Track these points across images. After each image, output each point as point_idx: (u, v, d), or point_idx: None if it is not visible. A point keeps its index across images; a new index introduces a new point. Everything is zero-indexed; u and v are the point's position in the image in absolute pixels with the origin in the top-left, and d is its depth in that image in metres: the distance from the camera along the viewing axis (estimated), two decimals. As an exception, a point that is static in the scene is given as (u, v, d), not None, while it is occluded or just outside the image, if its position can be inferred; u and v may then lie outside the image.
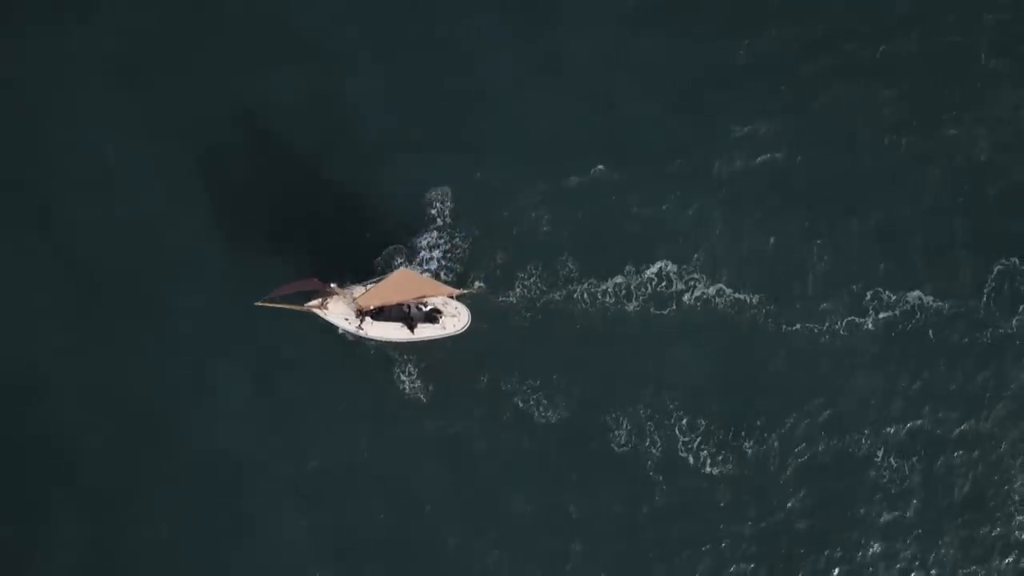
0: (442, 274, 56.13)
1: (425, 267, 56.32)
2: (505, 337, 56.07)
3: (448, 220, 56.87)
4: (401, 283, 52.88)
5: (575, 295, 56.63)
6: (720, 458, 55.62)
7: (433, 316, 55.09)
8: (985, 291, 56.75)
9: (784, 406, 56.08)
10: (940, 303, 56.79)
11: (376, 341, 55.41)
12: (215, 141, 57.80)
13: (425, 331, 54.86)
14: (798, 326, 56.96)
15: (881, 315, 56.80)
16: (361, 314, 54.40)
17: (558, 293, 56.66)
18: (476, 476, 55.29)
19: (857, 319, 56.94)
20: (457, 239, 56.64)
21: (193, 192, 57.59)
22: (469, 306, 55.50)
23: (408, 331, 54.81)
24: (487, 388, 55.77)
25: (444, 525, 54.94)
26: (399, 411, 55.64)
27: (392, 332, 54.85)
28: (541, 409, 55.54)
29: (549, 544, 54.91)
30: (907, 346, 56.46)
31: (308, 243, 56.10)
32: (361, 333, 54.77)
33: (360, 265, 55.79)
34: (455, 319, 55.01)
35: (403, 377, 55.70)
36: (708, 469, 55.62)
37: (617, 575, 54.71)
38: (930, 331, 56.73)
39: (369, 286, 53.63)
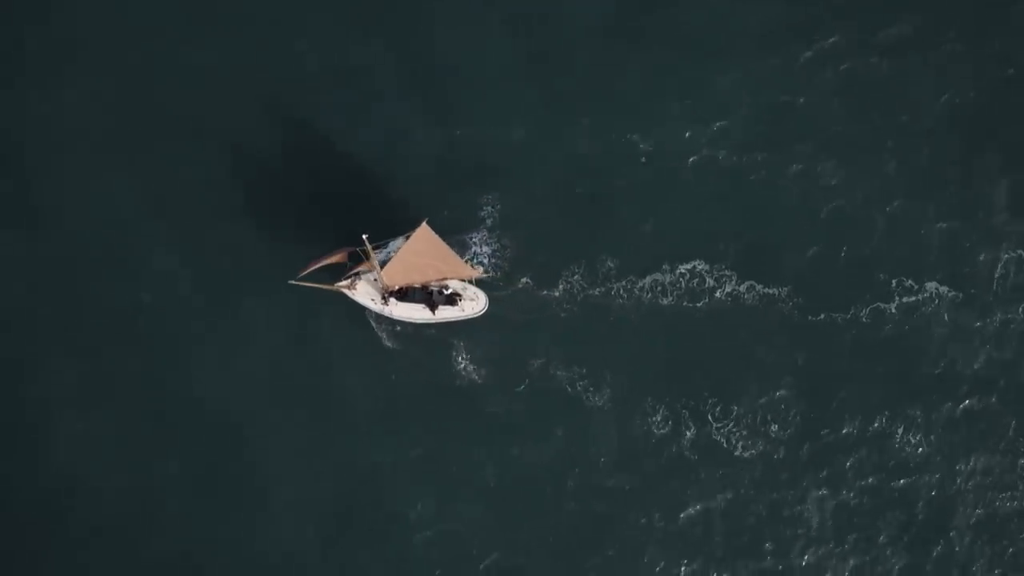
0: (491, 271, 60.16)
1: (475, 264, 60.31)
2: (553, 328, 60.29)
3: (497, 222, 60.68)
4: (422, 244, 56.13)
5: (614, 291, 60.52)
6: (750, 442, 59.54)
7: (453, 299, 59.06)
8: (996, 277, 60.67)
9: (810, 391, 59.92)
10: (954, 292, 60.48)
11: (400, 320, 59.44)
12: (277, 140, 62.18)
13: (445, 312, 58.97)
14: (823, 316, 60.68)
15: (905, 299, 60.52)
16: (387, 295, 58.38)
17: (598, 289, 60.65)
18: (528, 454, 59.54)
19: (882, 304, 60.60)
20: (505, 240, 60.46)
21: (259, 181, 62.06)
22: (490, 293, 59.47)
23: (429, 312, 58.93)
24: (538, 374, 60.02)
25: (501, 502, 59.29)
26: (456, 392, 59.96)
27: (415, 312, 59.05)
28: (589, 394, 59.68)
29: (596, 518, 59.22)
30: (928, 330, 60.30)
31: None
32: (386, 312, 58.82)
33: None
34: (474, 303, 59.12)
35: (460, 360, 59.86)
36: (739, 452, 59.58)
37: (661, 545, 58.81)
38: (944, 315, 60.43)
39: (392, 246, 57.58)
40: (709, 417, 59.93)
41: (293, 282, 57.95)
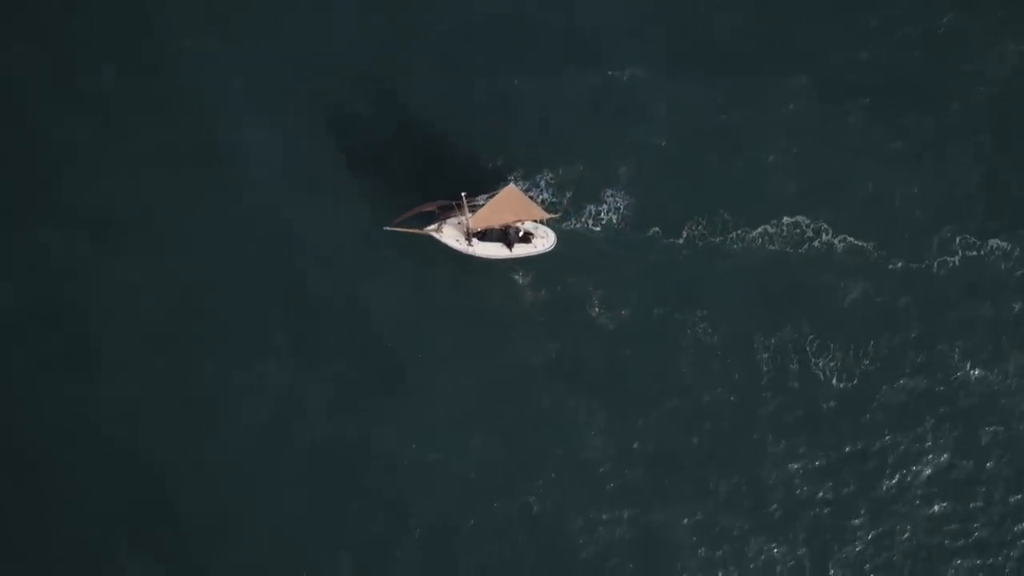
0: (622, 224, 67.16)
1: (607, 215, 67.17)
2: (677, 274, 67.97)
3: (630, 179, 68.40)
4: (507, 200, 64.52)
5: (730, 239, 68.11)
6: (845, 375, 67.91)
7: (527, 237, 67.02)
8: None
9: (893, 332, 68.51)
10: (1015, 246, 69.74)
11: (481, 257, 67.29)
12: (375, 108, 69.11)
13: (519, 249, 66.89)
14: (900, 264, 69.27)
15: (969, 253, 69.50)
16: (469, 235, 65.63)
17: (718, 238, 68.08)
18: (656, 385, 67.26)
19: (948, 258, 69.43)
20: (634, 197, 67.51)
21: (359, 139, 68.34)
22: (558, 231, 67.52)
23: (507, 249, 66.73)
24: (663, 318, 67.55)
25: (602, 435, 66.77)
26: (590, 334, 67.20)
27: (493, 251, 67.04)
28: (708, 335, 67.23)
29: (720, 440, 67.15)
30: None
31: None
32: (470, 251, 66.39)
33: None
34: (544, 240, 67.10)
35: (594, 304, 66.68)
36: (835, 383, 67.91)
37: (775, 463, 67.01)
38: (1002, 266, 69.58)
39: (481, 201, 65.45)
40: (808, 351, 68.00)
41: (388, 228, 64.92)
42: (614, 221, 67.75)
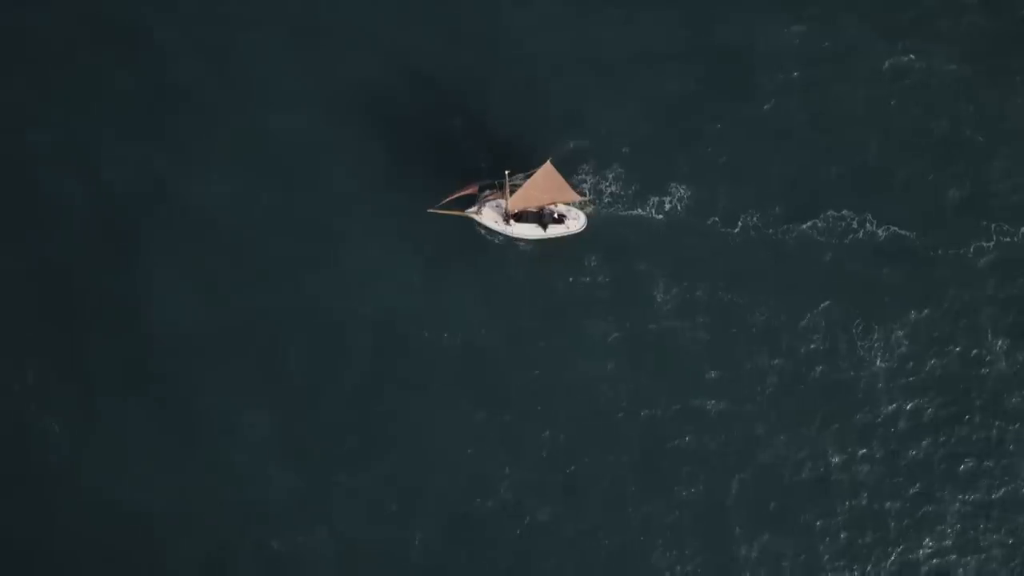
0: (685, 213, 73.08)
1: (671, 204, 73.16)
2: (733, 262, 74.09)
3: (690, 173, 74.72)
4: (544, 179, 70.46)
5: (781, 230, 73.81)
6: (887, 355, 73.52)
7: (560, 218, 73.38)
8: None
9: (927, 309, 74.02)
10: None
11: (518, 238, 73.68)
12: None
13: (553, 230, 73.36)
14: (938, 251, 74.67)
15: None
16: (507, 217, 72.39)
17: (770, 229, 73.97)
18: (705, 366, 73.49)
19: (984, 243, 74.80)
20: (695, 189, 73.78)
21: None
22: (589, 214, 73.38)
23: (541, 230, 73.24)
24: (714, 299, 73.87)
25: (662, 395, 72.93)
26: (650, 313, 73.56)
27: (528, 231, 73.48)
28: (758, 314, 73.20)
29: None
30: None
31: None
32: (508, 231, 73.09)
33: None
34: (576, 221, 73.51)
35: (658, 288, 73.05)
36: (878, 363, 73.58)
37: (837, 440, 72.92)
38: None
39: (519, 180, 71.38)
40: (854, 333, 73.68)
41: (432, 210, 72.03)
42: (678, 209, 73.46)
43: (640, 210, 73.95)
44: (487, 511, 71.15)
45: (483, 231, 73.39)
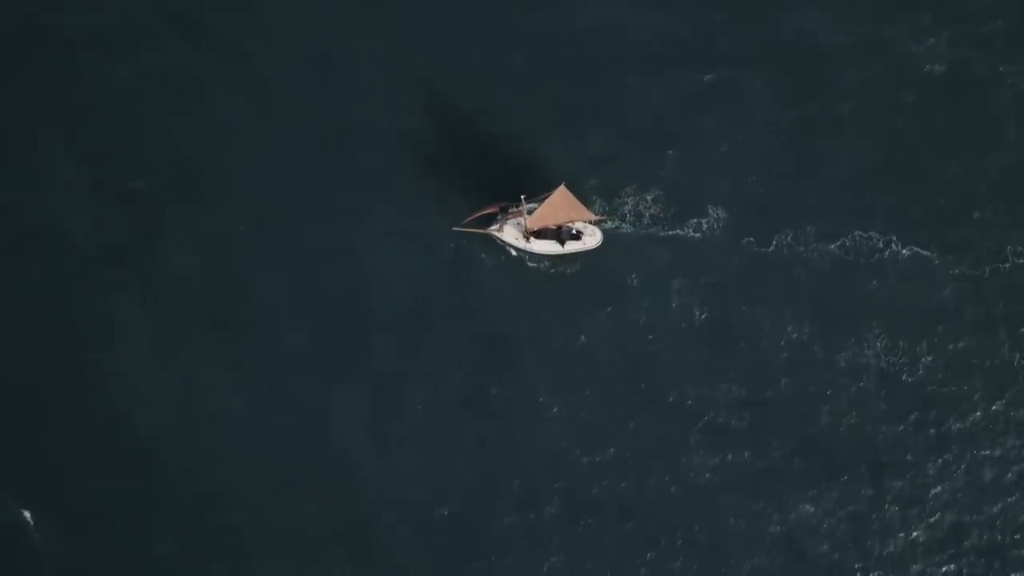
0: (719, 232, 77.08)
1: (708, 224, 77.25)
2: (766, 279, 78.13)
3: (728, 194, 78.38)
4: (560, 200, 74.81)
5: (811, 249, 77.92)
6: (910, 370, 77.51)
7: (577, 235, 77.72)
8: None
9: (946, 326, 78.16)
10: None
11: (538, 254, 77.91)
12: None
13: (571, 246, 77.65)
14: (957, 271, 78.76)
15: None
16: (527, 234, 76.69)
17: (802, 248, 78.13)
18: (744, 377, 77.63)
19: (1001, 266, 78.96)
20: (731, 211, 78.00)
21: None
22: (606, 231, 77.61)
23: (559, 246, 77.54)
24: (746, 315, 77.73)
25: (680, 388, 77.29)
26: (675, 329, 77.86)
27: (547, 247, 77.78)
28: (789, 330, 77.21)
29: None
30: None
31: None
32: (528, 247, 77.33)
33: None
34: (592, 238, 77.85)
35: (675, 295, 77.14)
36: (904, 378, 77.60)
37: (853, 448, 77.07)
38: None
39: (533, 205, 75.46)
40: (878, 346, 77.68)
41: (456, 228, 76.77)
42: (715, 229, 77.53)
43: (679, 230, 77.76)
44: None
45: (506, 247, 77.62)
